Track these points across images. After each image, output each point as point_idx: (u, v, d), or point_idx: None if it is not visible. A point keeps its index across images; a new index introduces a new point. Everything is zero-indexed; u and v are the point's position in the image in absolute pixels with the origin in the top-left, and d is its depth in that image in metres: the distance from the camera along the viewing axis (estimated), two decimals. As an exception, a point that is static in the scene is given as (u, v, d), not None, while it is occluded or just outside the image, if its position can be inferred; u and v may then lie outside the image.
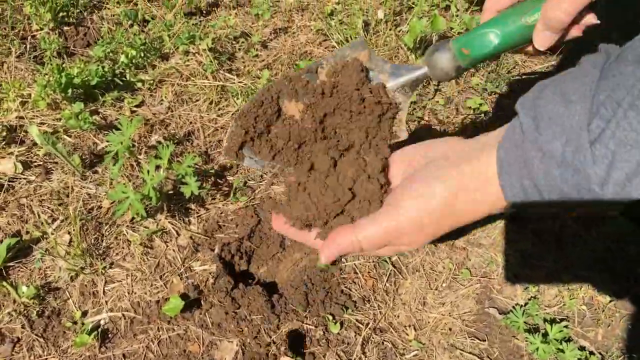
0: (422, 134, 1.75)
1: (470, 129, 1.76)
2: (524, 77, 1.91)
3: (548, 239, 1.56)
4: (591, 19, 0.88)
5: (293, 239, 0.85)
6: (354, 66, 0.89)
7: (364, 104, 0.89)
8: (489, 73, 1.93)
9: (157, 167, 1.49)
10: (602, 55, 0.63)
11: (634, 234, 1.55)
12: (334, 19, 2.14)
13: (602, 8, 0.94)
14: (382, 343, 1.39)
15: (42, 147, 1.59)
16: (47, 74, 1.73)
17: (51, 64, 1.78)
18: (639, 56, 0.58)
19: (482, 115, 1.80)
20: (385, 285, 1.49)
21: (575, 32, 0.89)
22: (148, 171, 1.43)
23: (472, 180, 0.70)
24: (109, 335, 1.35)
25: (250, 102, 0.88)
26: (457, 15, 2.09)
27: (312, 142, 0.92)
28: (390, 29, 2.04)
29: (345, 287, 1.48)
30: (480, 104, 1.79)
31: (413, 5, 2.16)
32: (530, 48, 0.95)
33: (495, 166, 0.67)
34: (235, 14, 2.24)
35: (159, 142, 1.68)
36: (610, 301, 1.47)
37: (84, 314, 1.37)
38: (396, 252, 0.79)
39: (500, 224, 1.59)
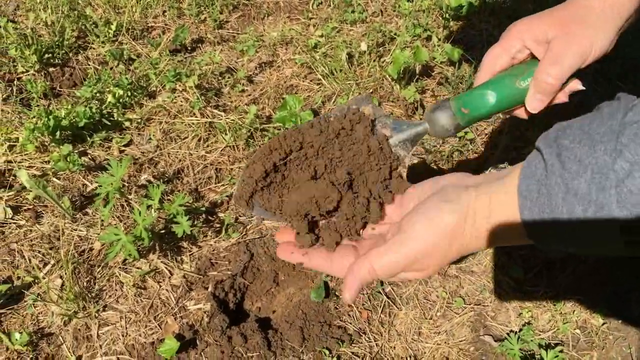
0: (411, 166, 1.77)
1: (457, 157, 1.79)
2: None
3: (539, 265, 1.57)
4: (576, 84, 0.96)
5: (307, 267, 0.87)
6: (364, 119, 0.92)
7: (369, 153, 0.91)
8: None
9: (148, 208, 1.49)
10: (622, 103, 0.64)
11: (620, 258, 1.58)
12: (317, 52, 2.17)
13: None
14: (380, 376, 1.39)
15: (31, 191, 1.58)
16: (34, 117, 1.73)
17: (38, 107, 1.78)
18: None
19: (468, 143, 1.83)
20: (380, 316, 1.49)
21: (562, 97, 0.96)
22: (140, 212, 1.43)
23: (482, 206, 0.72)
24: (105, 380, 1.34)
25: (259, 151, 0.89)
26: (438, 45, 2.13)
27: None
28: (374, 60, 2.07)
29: (340, 320, 1.48)
30: (466, 132, 1.82)
31: (395, 36, 2.20)
32: (521, 110, 1.01)
33: (513, 197, 0.68)
34: (221, 49, 2.26)
35: (149, 182, 1.69)
36: (603, 324, 1.48)
37: (79, 358, 1.36)
38: (408, 279, 0.80)
39: (490, 251, 1.61)
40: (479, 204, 0.72)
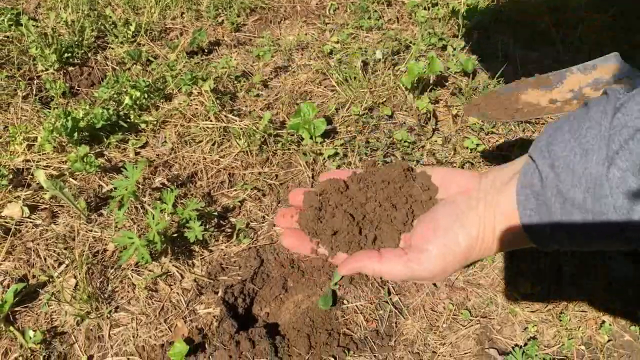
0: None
1: (469, 169, 1.80)
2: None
3: (547, 280, 1.58)
4: None
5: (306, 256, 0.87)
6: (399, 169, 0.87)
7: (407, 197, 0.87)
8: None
9: (162, 212, 1.52)
10: (610, 101, 0.65)
11: (632, 276, 1.58)
12: (332, 58, 2.19)
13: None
14: (384, 385, 1.41)
15: (48, 191, 1.61)
16: (53, 118, 1.76)
17: (57, 109, 1.81)
18: None
19: (480, 155, 1.84)
20: (386, 326, 1.51)
21: None
22: (153, 216, 1.46)
23: (489, 223, 0.74)
24: (115, 380, 1.37)
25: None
26: (453, 55, 2.13)
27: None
28: (388, 69, 2.08)
29: (347, 328, 1.50)
30: (478, 144, 1.83)
31: (411, 45, 2.21)
32: None
33: (514, 208, 0.71)
34: (237, 53, 2.28)
35: (163, 185, 1.71)
36: (609, 341, 1.49)
37: (90, 358, 1.39)
38: (414, 281, 0.83)
39: (499, 264, 1.62)
40: (487, 221, 0.74)
